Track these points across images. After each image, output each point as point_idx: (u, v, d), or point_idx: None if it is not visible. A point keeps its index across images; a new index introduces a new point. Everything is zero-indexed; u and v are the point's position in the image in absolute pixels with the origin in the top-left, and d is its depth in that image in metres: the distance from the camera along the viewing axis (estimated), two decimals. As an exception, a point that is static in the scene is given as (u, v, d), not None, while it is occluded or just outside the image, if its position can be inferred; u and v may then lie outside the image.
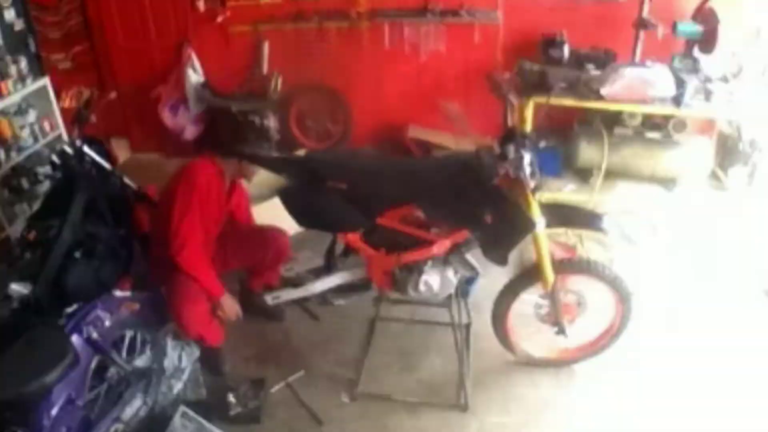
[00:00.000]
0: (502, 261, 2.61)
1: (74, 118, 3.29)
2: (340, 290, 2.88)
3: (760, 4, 3.99)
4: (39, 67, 4.07)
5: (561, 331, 2.78)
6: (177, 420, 2.65)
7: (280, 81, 4.74)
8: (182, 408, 2.69)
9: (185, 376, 2.79)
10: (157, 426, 2.62)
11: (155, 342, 2.70)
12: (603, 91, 3.58)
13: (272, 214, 3.24)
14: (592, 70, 4.05)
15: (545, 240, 2.54)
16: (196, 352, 2.82)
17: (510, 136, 2.42)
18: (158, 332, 2.74)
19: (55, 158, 3.22)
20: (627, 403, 2.78)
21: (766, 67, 4.03)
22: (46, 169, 3.80)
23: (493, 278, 2.80)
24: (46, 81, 3.99)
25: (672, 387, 2.82)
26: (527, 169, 2.38)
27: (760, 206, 4.03)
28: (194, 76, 4.67)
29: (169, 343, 2.76)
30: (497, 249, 2.59)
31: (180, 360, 2.78)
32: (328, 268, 2.83)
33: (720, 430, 2.65)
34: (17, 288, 2.84)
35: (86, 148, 3.17)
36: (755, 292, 3.45)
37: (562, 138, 4.33)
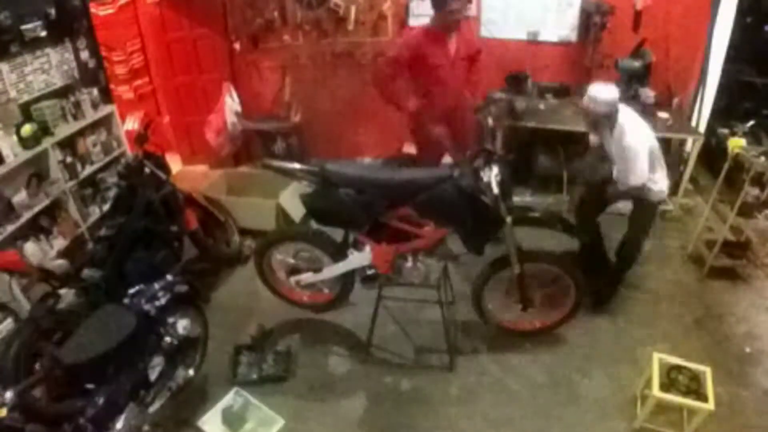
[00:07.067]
0: (479, 252, 2.60)
1: (136, 138, 3.28)
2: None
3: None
4: (108, 97, 4.06)
5: (525, 307, 2.77)
6: (230, 395, 2.66)
7: (299, 107, 4.71)
8: (236, 387, 2.70)
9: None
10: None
11: (198, 318, 2.69)
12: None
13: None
14: (551, 99, 4.04)
15: (513, 234, 2.52)
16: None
17: (481, 153, 2.42)
18: (200, 309, 2.73)
19: (120, 169, 3.22)
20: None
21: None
22: (114, 179, 3.81)
23: (470, 266, 2.78)
24: (113, 108, 3.98)
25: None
26: (496, 179, 2.36)
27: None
28: (232, 103, 4.65)
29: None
30: (475, 242, 2.58)
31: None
32: (341, 257, 2.80)
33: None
34: (90, 273, 2.84)
35: (146, 162, 3.17)
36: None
37: (526, 153, 4.29)
